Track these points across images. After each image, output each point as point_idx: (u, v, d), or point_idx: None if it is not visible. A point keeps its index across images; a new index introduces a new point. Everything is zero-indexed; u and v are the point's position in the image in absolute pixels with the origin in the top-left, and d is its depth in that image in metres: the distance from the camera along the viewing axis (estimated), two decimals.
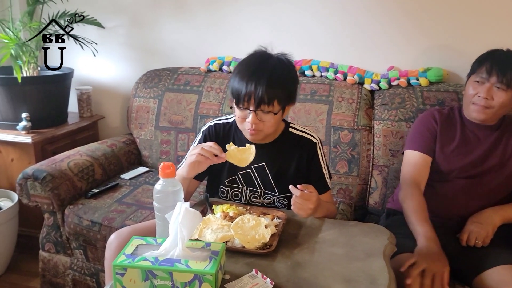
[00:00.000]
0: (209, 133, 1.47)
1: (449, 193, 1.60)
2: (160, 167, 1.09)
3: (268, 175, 1.44)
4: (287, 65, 1.33)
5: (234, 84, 1.30)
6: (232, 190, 1.48)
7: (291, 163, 1.44)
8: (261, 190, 1.46)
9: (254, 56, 1.35)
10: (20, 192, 1.94)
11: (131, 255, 0.98)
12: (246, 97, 1.27)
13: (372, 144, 1.99)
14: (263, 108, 1.28)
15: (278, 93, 1.27)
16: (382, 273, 1.06)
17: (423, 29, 2.08)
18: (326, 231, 1.26)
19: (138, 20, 2.51)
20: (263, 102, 1.26)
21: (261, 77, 1.25)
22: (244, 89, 1.26)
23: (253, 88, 1.25)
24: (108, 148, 2.26)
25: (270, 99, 1.26)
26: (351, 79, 2.09)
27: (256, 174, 1.45)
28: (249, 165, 1.39)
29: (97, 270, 1.91)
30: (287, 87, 1.31)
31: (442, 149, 1.61)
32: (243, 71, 1.30)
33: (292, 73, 1.35)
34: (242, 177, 1.46)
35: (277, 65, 1.30)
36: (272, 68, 1.28)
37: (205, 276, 0.93)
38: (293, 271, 1.07)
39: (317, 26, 2.22)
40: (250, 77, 1.26)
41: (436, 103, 1.93)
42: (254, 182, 1.46)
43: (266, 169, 1.44)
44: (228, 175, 1.47)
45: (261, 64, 1.29)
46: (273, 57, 1.33)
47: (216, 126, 1.48)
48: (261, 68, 1.28)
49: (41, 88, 2.26)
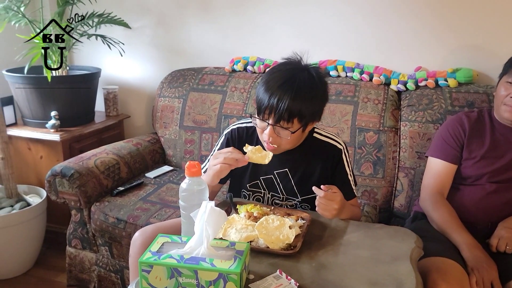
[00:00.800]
0: (231, 136, 1.46)
1: (478, 197, 1.56)
2: (186, 166, 1.09)
3: (291, 181, 1.42)
4: (316, 82, 1.26)
5: (258, 93, 1.27)
6: (254, 195, 1.47)
7: (315, 170, 1.41)
8: (283, 196, 1.45)
9: (285, 66, 1.29)
10: (49, 188, 1.99)
11: (156, 252, 0.99)
12: (267, 110, 1.24)
13: (398, 146, 1.96)
14: (282, 124, 1.25)
15: (300, 111, 1.23)
16: (409, 277, 1.04)
17: (452, 29, 2.03)
18: (351, 233, 1.25)
19: (164, 21, 2.54)
20: (283, 119, 1.23)
21: (285, 92, 1.21)
22: (266, 102, 1.23)
23: (275, 103, 1.21)
24: (133, 146, 2.30)
25: (290, 117, 1.23)
26: (377, 79, 2.06)
27: (278, 179, 1.43)
28: (271, 170, 1.40)
29: (122, 267, 1.94)
30: (310, 106, 1.25)
31: (470, 155, 1.57)
32: (269, 82, 1.25)
33: (320, 91, 1.28)
34: (264, 182, 1.45)
35: (306, 81, 1.23)
36: (299, 84, 1.22)
37: (230, 275, 0.93)
38: (317, 272, 1.06)
39: (342, 26, 2.20)
40: (274, 90, 1.22)
41: (465, 104, 1.88)
42: (276, 187, 1.44)
43: (289, 175, 1.42)
44: (250, 180, 1.46)
45: (289, 79, 1.23)
46: (304, 72, 1.26)
47: (239, 129, 1.46)
48: (288, 84, 1.22)
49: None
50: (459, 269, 1.32)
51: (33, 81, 2.23)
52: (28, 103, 2.28)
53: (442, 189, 1.60)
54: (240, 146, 1.33)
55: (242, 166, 1.33)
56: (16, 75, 2.24)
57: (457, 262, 1.34)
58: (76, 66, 2.66)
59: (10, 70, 2.29)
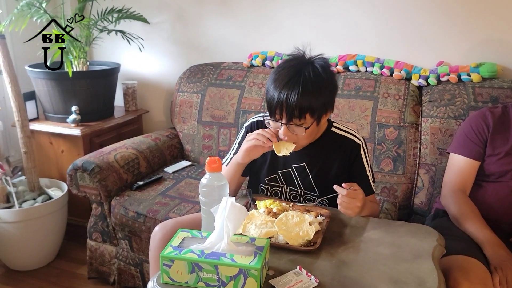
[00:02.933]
0: (251, 129, 1.46)
1: (502, 194, 1.53)
2: (206, 161, 1.10)
3: (308, 176, 1.42)
4: (321, 74, 1.25)
5: (267, 94, 1.28)
6: (272, 189, 1.47)
7: (333, 165, 1.40)
8: (301, 190, 1.44)
9: (289, 63, 1.29)
10: (70, 182, 2.02)
11: (177, 247, 1.00)
12: (278, 110, 1.25)
13: (419, 142, 1.93)
14: (295, 121, 1.25)
15: (310, 106, 1.23)
16: (431, 276, 1.03)
17: (475, 22, 1.98)
18: (372, 231, 1.23)
19: (182, 16, 2.55)
20: (294, 116, 1.23)
21: (292, 90, 1.21)
22: (276, 102, 1.23)
23: (284, 102, 1.22)
24: (152, 141, 2.32)
25: (302, 113, 1.23)
26: (398, 74, 2.03)
27: (296, 174, 1.43)
28: (289, 164, 1.41)
29: (141, 260, 1.96)
30: (320, 98, 1.25)
31: (494, 151, 1.54)
32: (276, 80, 1.25)
33: (327, 82, 1.27)
34: (282, 176, 1.45)
35: (311, 75, 1.23)
36: (304, 79, 1.22)
37: (250, 271, 0.93)
38: (338, 269, 1.05)
39: (362, 20, 2.17)
40: (282, 89, 1.22)
41: (489, 100, 1.84)
42: (294, 181, 1.44)
43: (307, 169, 1.42)
44: (268, 173, 1.46)
45: (295, 75, 1.23)
46: (308, 66, 1.25)
47: (258, 122, 1.46)
48: (294, 80, 1.22)
49: (90, 83, 2.34)
50: (482, 268, 1.30)
51: (55, 76, 2.27)
52: (50, 98, 2.32)
53: (464, 186, 1.57)
54: None
55: (261, 160, 1.41)
56: (38, 70, 2.28)
57: (480, 261, 1.32)
58: (96, 61, 2.69)
59: (32, 66, 2.33)
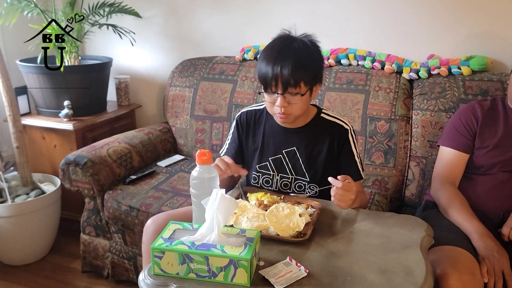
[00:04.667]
0: (240, 119, 1.51)
1: (491, 186, 1.55)
2: (196, 154, 1.11)
3: (299, 160, 1.44)
4: (310, 47, 1.33)
5: (260, 70, 1.32)
6: (263, 176, 1.49)
7: (322, 148, 1.43)
8: (292, 176, 1.46)
9: (278, 40, 1.35)
10: (63, 177, 2.02)
11: (168, 239, 1.01)
12: (273, 81, 1.29)
13: (409, 135, 1.95)
14: (291, 90, 1.29)
15: (303, 74, 1.29)
16: (419, 265, 1.04)
17: (465, 15, 1.99)
18: (361, 222, 1.25)
19: (174, 10, 2.54)
20: (290, 85, 1.28)
21: (285, 60, 1.27)
22: (270, 74, 1.28)
23: (279, 72, 1.27)
24: (145, 136, 2.32)
25: (297, 81, 1.28)
26: (389, 68, 2.04)
27: (287, 159, 1.45)
28: (280, 149, 1.45)
29: (135, 254, 1.97)
30: (312, 68, 1.32)
31: (483, 144, 1.55)
32: (268, 56, 1.31)
33: (316, 54, 1.35)
34: (273, 163, 1.47)
35: (301, 47, 1.30)
36: (295, 50, 1.29)
37: (240, 261, 0.94)
38: (327, 259, 1.06)
39: (353, 13, 2.18)
40: (275, 61, 1.28)
41: (479, 93, 1.85)
42: (285, 167, 1.46)
43: (297, 153, 1.44)
44: (259, 161, 1.48)
45: (285, 47, 1.30)
46: (297, 40, 1.33)
47: (247, 113, 1.51)
48: (285, 52, 1.29)
49: (82, 77, 2.33)
50: (470, 258, 1.31)
51: (46, 71, 2.24)
52: (42, 92, 2.31)
53: (453, 178, 1.59)
54: (249, 129, 1.48)
55: (252, 147, 1.48)
56: (29, 65, 2.27)
57: (468, 251, 1.33)
58: (88, 55, 2.68)
59: (23, 60, 2.31)
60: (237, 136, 1.51)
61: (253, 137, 1.49)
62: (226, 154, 1.51)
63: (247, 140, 1.50)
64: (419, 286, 0.97)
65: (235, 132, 1.52)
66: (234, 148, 1.52)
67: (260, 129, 1.47)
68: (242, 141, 1.51)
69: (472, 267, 1.28)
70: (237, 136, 1.51)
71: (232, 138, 1.53)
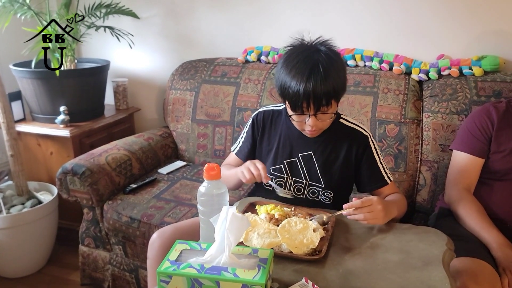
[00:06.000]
0: (257, 119, 1.48)
1: (508, 192, 1.50)
2: (204, 168, 1.04)
3: (315, 165, 1.40)
4: (334, 58, 1.26)
5: (288, 89, 1.25)
6: (276, 179, 1.44)
7: (340, 154, 1.40)
8: (306, 182, 1.42)
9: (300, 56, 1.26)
10: (60, 187, 1.95)
11: (175, 261, 0.94)
12: (304, 103, 1.24)
13: (420, 139, 1.88)
14: (322, 110, 1.26)
15: (334, 91, 1.25)
16: (443, 284, 0.98)
17: (477, 14, 1.93)
18: (378, 235, 1.18)
19: (174, 10, 2.46)
20: (322, 105, 1.24)
21: (316, 81, 1.21)
22: (302, 96, 1.22)
23: (311, 93, 1.21)
24: (145, 141, 2.24)
25: (328, 99, 1.24)
26: (398, 69, 1.98)
27: (302, 163, 1.41)
28: (296, 153, 1.42)
29: (136, 266, 1.90)
30: (339, 81, 1.27)
31: (499, 148, 1.50)
32: (296, 76, 1.23)
33: (340, 64, 1.29)
34: (288, 166, 1.43)
35: (326, 61, 1.24)
36: (323, 67, 1.22)
37: (254, 286, 0.87)
38: (345, 279, 1.00)
39: (360, 13, 2.11)
40: (305, 82, 1.21)
41: (492, 94, 1.79)
42: (299, 171, 1.42)
43: (313, 158, 1.40)
44: (274, 163, 1.44)
45: (313, 65, 1.22)
46: (319, 53, 1.25)
47: (265, 113, 1.47)
48: (315, 70, 1.22)
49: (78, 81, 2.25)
50: (490, 270, 1.26)
51: (41, 75, 2.18)
52: (36, 98, 2.23)
53: (468, 184, 1.53)
54: (265, 129, 1.46)
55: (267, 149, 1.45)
56: (23, 69, 2.19)
57: (488, 262, 1.28)
58: (85, 58, 2.60)
59: (17, 65, 2.24)
60: (251, 135, 1.48)
61: (268, 138, 1.46)
62: (239, 153, 1.51)
63: (261, 140, 1.47)
64: None
65: (250, 130, 1.49)
66: (248, 147, 1.49)
67: (277, 131, 1.44)
68: (256, 140, 1.48)
69: (492, 280, 1.24)
70: (251, 135, 1.48)
71: (247, 136, 1.50)
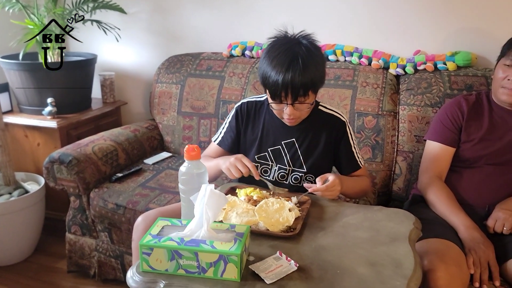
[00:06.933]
0: (241, 109, 1.52)
1: (476, 179, 1.57)
2: (185, 149, 1.09)
3: (297, 151, 1.47)
4: (314, 51, 1.32)
5: (268, 78, 1.31)
6: (261, 166, 1.51)
7: (320, 140, 1.47)
8: (290, 168, 1.49)
9: (280, 44, 1.33)
10: (47, 175, 1.99)
11: (157, 235, 0.99)
12: (283, 92, 1.30)
13: (396, 130, 1.96)
14: (300, 100, 1.32)
15: (312, 83, 1.30)
16: (407, 258, 1.05)
17: (450, 12, 2.01)
18: (351, 216, 1.25)
19: (160, 5, 2.51)
20: (299, 95, 1.30)
21: (295, 71, 1.27)
22: (281, 85, 1.28)
23: (290, 83, 1.27)
24: (131, 133, 2.29)
25: (305, 90, 1.30)
26: (376, 63, 2.05)
27: (286, 150, 1.48)
28: (279, 140, 1.48)
29: (122, 252, 1.94)
30: (319, 75, 1.33)
31: (469, 137, 1.58)
32: (276, 66, 1.29)
33: (320, 58, 1.35)
34: (272, 154, 1.49)
35: (306, 54, 1.29)
36: (303, 59, 1.28)
37: (230, 256, 0.93)
38: (317, 253, 1.06)
39: (341, 9, 2.18)
40: (284, 72, 1.27)
41: (464, 88, 1.88)
42: (283, 158, 1.49)
43: (296, 144, 1.47)
44: (258, 151, 1.50)
45: (293, 56, 1.28)
46: (300, 46, 1.31)
47: (248, 103, 1.52)
48: (295, 62, 1.27)
49: (66, 74, 2.29)
50: (457, 250, 1.33)
51: (28, 68, 2.21)
52: (24, 90, 2.26)
53: (440, 172, 1.61)
54: (249, 119, 1.50)
55: (251, 138, 1.50)
56: (11, 61, 2.22)
57: (455, 243, 1.35)
58: (72, 52, 2.63)
59: (4, 57, 2.26)
60: (235, 125, 1.52)
61: (252, 128, 1.51)
62: (222, 143, 1.54)
63: (246, 130, 1.52)
64: (408, 278, 0.98)
65: (233, 121, 1.52)
66: (231, 137, 1.53)
67: (260, 120, 1.49)
68: (240, 131, 1.52)
69: (458, 259, 1.30)
70: (235, 126, 1.52)
71: (229, 127, 1.54)
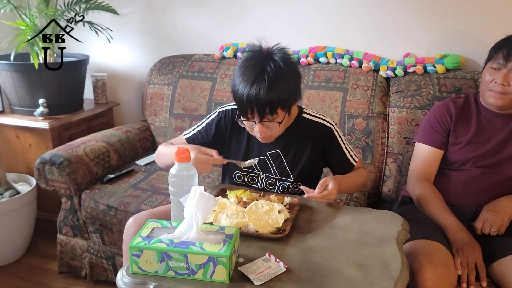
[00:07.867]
0: (225, 116, 1.47)
1: (464, 181, 1.59)
2: (175, 152, 1.10)
3: (283, 161, 1.45)
4: (283, 68, 1.26)
5: (236, 95, 1.27)
6: (248, 175, 1.49)
7: (306, 148, 1.44)
8: (276, 177, 1.47)
9: (250, 62, 1.28)
10: (38, 176, 1.98)
11: (147, 237, 1.00)
12: (249, 110, 1.26)
13: (386, 132, 1.98)
14: (267, 118, 1.27)
15: (279, 100, 1.25)
16: (395, 259, 1.06)
17: (440, 15, 2.03)
18: (340, 217, 1.27)
19: (153, 7, 2.52)
20: (266, 113, 1.25)
21: (259, 89, 1.22)
22: (245, 103, 1.24)
23: (254, 102, 1.23)
24: (123, 134, 2.29)
25: (272, 109, 1.25)
26: (366, 66, 2.07)
27: (271, 160, 1.46)
28: (264, 151, 1.44)
29: (113, 253, 1.95)
30: (286, 90, 1.27)
31: (457, 140, 1.60)
32: (241, 83, 1.25)
33: (290, 73, 1.29)
34: (258, 163, 1.46)
35: (273, 70, 1.24)
36: (268, 76, 1.23)
37: (219, 258, 0.94)
38: (306, 255, 1.08)
39: (332, 12, 2.19)
40: (248, 89, 1.23)
41: (453, 90, 1.90)
42: (269, 168, 1.47)
43: (281, 155, 1.45)
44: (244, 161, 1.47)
45: (258, 73, 1.24)
46: (269, 61, 1.26)
47: (233, 111, 1.46)
48: (259, 79, 1.23)
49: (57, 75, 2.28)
50: (444, 251, 1.35)
51: (20, 68, 2.20)
52: (15, 90, 2.25)
53: (429, 174, 1.62)
54: (233, 128, 1.45)
55: (235, 147, 1.46)
56: (2, 62, 2.21)
57: (443, 245, 1.37)
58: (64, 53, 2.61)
59: None
60: (214, 130, 1.47)
61: (237, 136, 1.47)
62: (192, 140, 1.48)
63: (230, 139, 1.48)
64: (395, 279, 0.99)
65: (213, 125, 1.47)
66: (205, 139, 1.47)
67: (245, 130, 1.43)
68: (223, 138, 1.48)
69: (446, 260, 1.32)
70: (213, 130, 1.47)
71: (206, 128, 1.48)
